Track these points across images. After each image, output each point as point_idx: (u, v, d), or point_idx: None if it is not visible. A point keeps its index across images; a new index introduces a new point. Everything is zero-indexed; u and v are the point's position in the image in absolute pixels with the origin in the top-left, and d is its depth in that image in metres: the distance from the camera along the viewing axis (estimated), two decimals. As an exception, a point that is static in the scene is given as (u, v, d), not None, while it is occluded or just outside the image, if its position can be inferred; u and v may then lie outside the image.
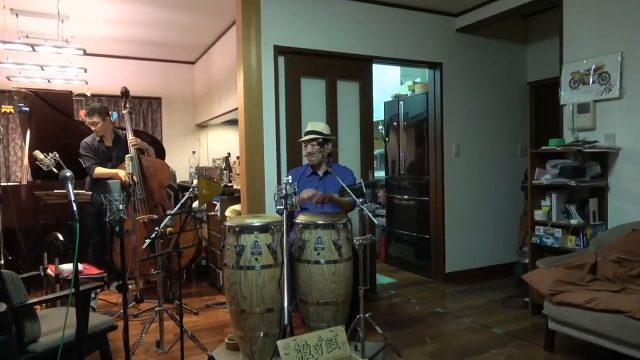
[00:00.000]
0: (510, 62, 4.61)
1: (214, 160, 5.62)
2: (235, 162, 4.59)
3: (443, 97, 4.31)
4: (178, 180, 6.05)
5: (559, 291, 2.57)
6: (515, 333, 3.09)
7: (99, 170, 3.73)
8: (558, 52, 3.50)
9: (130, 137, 3.79)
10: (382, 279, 4.43)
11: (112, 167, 3.85)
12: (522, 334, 3.07)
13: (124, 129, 3.96)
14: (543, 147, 3.36)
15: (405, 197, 4.87)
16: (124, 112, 3.87)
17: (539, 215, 3.39)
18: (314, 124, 3.10)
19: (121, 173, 3.56)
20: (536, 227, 3.37)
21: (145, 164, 3.84)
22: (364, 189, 2.56)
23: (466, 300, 3.85)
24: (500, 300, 3.78)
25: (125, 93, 3.82)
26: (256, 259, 2.56)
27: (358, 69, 3.90)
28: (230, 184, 4.35)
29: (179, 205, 2.81)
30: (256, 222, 2.66)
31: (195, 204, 3.18)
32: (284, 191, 2.41)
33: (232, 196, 4.09)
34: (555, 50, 3.62)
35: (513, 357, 2.73)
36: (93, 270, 3.15)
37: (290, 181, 2.42)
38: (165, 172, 3.93)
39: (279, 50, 3.55)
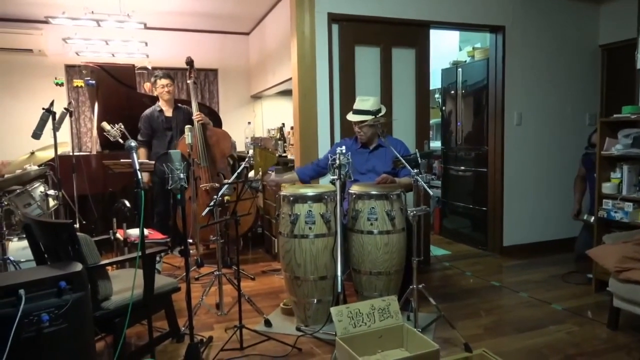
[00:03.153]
0: (580, 23, 4.37)
1: (268, 131, 5.65)
2: (289, 133, 4.60)
3: (505, 63, 4.17)
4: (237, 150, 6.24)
5: (627, 268, 2.47)
6: (576, 310, 3.01)
7: (140, 153, 3.80)
8: (636, 11, 3.35)
9: (196, 113, 3.83)
10: (436, 251, 4.42)
11: (171, 137, 3.92)
12: (583, 311, 2.99)
13: (183, 102, 4.03)
14: (615, 115, 3.21)
15: (462, 168, 4.81)
16: (188, 81, 3.90)
17: (607, 188, 3.27)
18: (363, 100, 3.03)
19: (145, 177, 3.53)
20: (604, 200, 3.26)
21: (209, 134, 3.90)
22: (419, 159, 2.54)
23: (524, 274, 3.77)
24: (560, 276, 3.69)
25: (190, 63, 3.84)
26: (310, 228, 2.60)
27: (414, 35, 3.81)
28: (284, 154, 4.38)
29: (235, 174, 2.87)
30: (310, 192, 2.69)
31: (252, 174, 3.24)
32: (337, 161, 2.41)
33: (286, 166, 4.13)
34: (632, 10, 3.44)
35: (573, 334, 2.67)
36: (157, 236, 3.26)
37: (344, 151, 2.42)
38: (227, 142, 3.98)
39: (332, 18, 3.51)
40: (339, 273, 2.18)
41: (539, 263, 4.06)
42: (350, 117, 3.05)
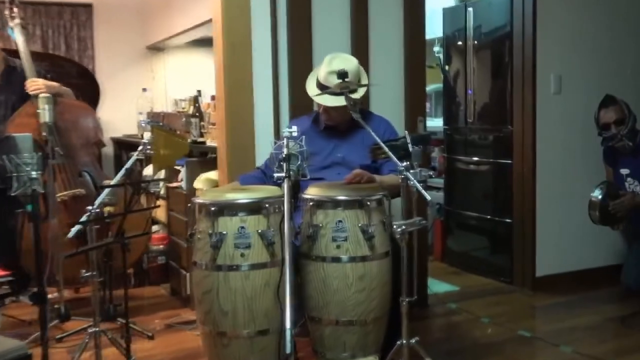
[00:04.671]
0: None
1: (176, 103, 5.63)
2: (209, 106, 4.59)
3: (536, 2, 4.30)
4: (121, 134, 6.12)
5: None
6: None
7: None
8: None
9: (30, 81, 3.68)
10: (436, 286, 4.52)
11: (1, 117, 3.83)
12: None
13: (38, 56, 3.97)
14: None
15: (475, 158, 4.88)
16: (11, 25, 3.81)
17: None
18: (335, 59, 3.04)
19: None
20: None
21: (60, 110, 3.78)
22: (409, 146, 2.59)
23: (567, 318, 3.91)
24: (619, 319, 3.84)
25: None
26: (242, 255, 2.62)
27: (401, -43, 3.91)
28: (201, 140, 4.37)
29: (122, 172, 2.83)
30: (242, 197, 2.70)
31: (148, 171, 3.20)
32: (285, 150, 2.43)
33: (204, 158, 4.12)
34: None
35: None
36: (-8, 271, 3.18)
37: (295, 134, 2.46)
38: (90, 121, 3.96)
39: None
40: (288, 324, 2.18)
41: (588, 300, 4.20)
42: (319, 99, 3.11)
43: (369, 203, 2.74)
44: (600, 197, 3.91)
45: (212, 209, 2.66)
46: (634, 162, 4.03)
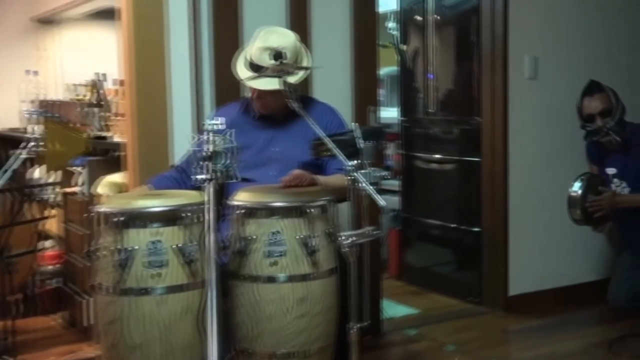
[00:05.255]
0: None
1: (71, 88, 5.49)
2: (113, 92, 4.51)
3: None
4: (1, 127, 6.07)
5: None
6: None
7: None
8: None
9: None
10: (392, 309, 4.54)
11: None
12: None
13: None
14: None
15: (437, 156, 4.92)
16: None
17: None
18: (271, 34, 3.11)
19: None
20: None
21: None
22: (359, 141, 2.62)
23: (545, 343, 3.95)
24: (605, 343, 3.90)
25: None
26: (155, 276, 2.59)
27: None
28: (105, 134, 4.33)
29: (3, 175, 2.80)
30: (155, 205, 2.67)
31: (38, 173, 3.10)
32: (208, 146, 2.42)
33: (107, 157, 4.09)
34: None
35: None
36: None
37: (221, 126, 2.45)
38: None
39: None
40: (213, 359, 2.18)
41: (570, 323, 4.29)
42: (251, 82, 3.12)
43: (310, 210, 2.74)
44: (580, 192, 3.98)
45: (118, 219, 2.62)
46: (622, 161, 4.10)
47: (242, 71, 3.17)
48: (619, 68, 4.71)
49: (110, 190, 3.72)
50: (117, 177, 3.80)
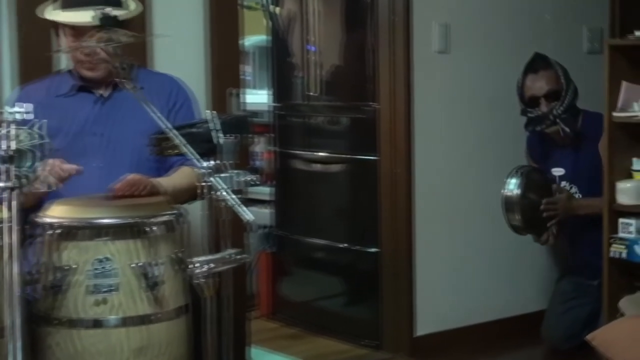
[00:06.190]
0: None
1: None
2: None
3: None
4: None
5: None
6: None
7: None
8: None
9: None
10: (263, 359, 4.32)
11: None
12: None
13: None
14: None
15: (321, 154, 4.70)
16: None
17: (625, 193, 3.41)
18: None
19: None
20: (620, 221, 3.41)
21: None
22: (218, 135, 2.50)
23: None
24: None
25: None
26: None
27: None
28: None
29: None
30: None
31: None
32: (9, 143, 2.23)
33: None
34: None
35: None
36: None
37: (26, 115, 2.26)
38: None
39: None
40: None
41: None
42: (64, 16, 2.95)
43: (151, 229, 2.52)
44: (518, 191, 3.74)
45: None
46: (572, 158, 3.90)
47: (51, 12, 3.01)
48: (552, 37, 4.56)
49: None
50: None
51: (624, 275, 3.45)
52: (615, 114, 3.35)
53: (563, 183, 3.89)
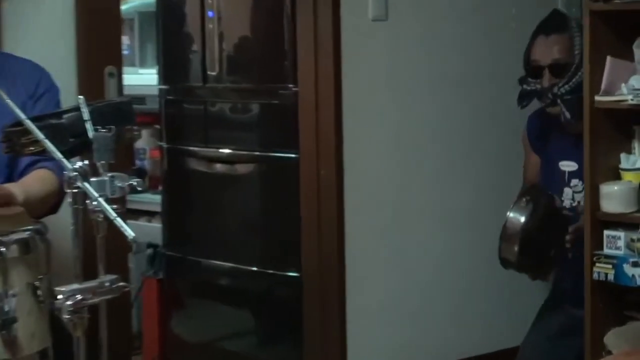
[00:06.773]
0: None
1: None
2: None
3: None
4: None
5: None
6: None
7: None
8: None
9: None
10: None
11: None
12: None
13: None
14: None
15: (225, 151, 4.41)
16: None
17: (611, 198, 3.28)
18: None
19: None
20: (606, 233, 3.30)
21: None
22: (88, 126, 2.34)
23: None
24: None
25: None
26: None
27: None
28: None
29: None
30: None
31: None
32: None
33: None
34: None
35: None
36: None
37: None
38: None
39: None
40: None
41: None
42: None
43: (3, 250, 2.28)
44: (524, 218, 3.34)
45: None
46: (581, 151, 3.48)
47: None
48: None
49: None
50: None
51: (610, 302, 3.26)
52: (598, 97, 3.10)
53: (574, 182, 3.50)
